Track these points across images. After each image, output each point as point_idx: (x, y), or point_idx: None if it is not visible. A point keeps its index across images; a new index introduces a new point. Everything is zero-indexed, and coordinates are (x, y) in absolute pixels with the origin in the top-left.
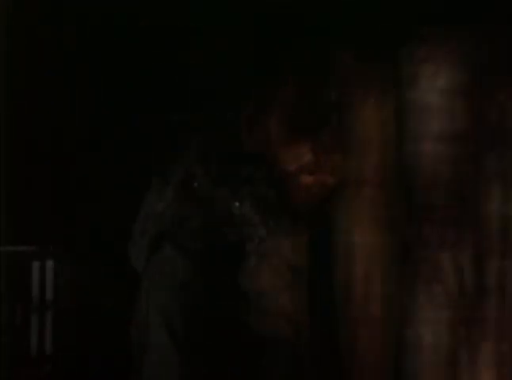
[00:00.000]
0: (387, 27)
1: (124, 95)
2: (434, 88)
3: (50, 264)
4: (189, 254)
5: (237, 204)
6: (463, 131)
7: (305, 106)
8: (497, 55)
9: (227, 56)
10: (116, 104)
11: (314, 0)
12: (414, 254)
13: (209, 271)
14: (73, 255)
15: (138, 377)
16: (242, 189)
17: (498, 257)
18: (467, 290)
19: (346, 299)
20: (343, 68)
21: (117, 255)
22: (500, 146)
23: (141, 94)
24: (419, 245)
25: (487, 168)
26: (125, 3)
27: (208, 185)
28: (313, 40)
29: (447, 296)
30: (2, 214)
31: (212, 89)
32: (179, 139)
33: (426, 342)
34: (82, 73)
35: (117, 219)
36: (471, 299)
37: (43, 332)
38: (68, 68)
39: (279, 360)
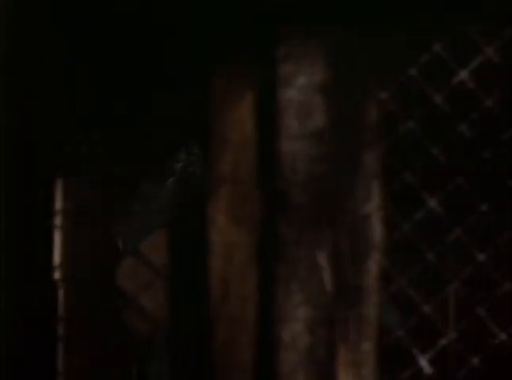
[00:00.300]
0: (247, 27)
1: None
2: (294, 86)
3: None
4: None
5: None
6: (322, 130)
7: None
8: (359, 54)
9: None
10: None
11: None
12: (273, 253)
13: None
14: None
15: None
16: None
17: (359, 257)
18: (327, 290)
19: (206, 299)
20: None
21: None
22: (363, 145)
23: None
24: (278, 244)
25: (348, 167)
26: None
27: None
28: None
29: (306, 295)
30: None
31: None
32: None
33: (286, 341)
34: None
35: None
36: (331, 299)
37: None
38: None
39: (142, 359)
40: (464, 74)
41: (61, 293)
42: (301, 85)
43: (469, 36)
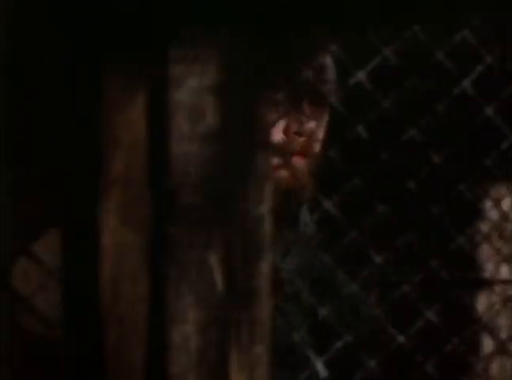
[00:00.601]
0: (139, 26)
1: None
2: (186, 87)
3: None
4: None
5: None
6: (215, 131)
7: None
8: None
9: None
10: None
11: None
12: (165, 254)
13: None
14: None
15: None
16: None
17: (251, 258)
18: (218, 291)
19: (98, 299)
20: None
21: None
22: (255, 147)
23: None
24: (170, 245)
25: (240, 168)
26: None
27: None
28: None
29: (197, 296)
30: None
31: None
32: None
33: (177, 343)
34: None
35: None
36: (223, 300)
37: None
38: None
39: (40, 360)
40: (361, 76)
41: None
42: (193, 86)
43: (367, 37)
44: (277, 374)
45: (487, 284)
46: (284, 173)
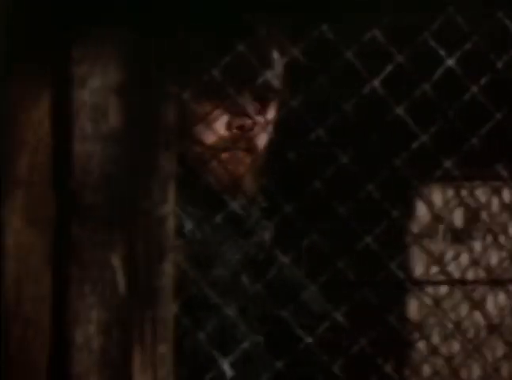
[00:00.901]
0: (50, 26)
1: None
2: (89, 88)
3: None
4: None
5: None
6: (118, 131)
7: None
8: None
9: None
10: None
11: None
12: (68, 254)
13: None
14: None
15: None
16: None
17: (154, 258)
18: (121, 291)
19: (1, 299)
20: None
21: None
22: (159, 146)
23: None
24: (73, 245)
25: (143, 168)
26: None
27: None
28: None
29: (99, 297)
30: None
31: None
32: None
33: (79, 343)
34: None
35: None
36: (125, 300)
37: None
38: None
39: None
40: (269, 75)
41: None
42: (96, 86)
43: (275, 36)
44: (181, 374)
45: (407, 286)
46: (220, 168)
